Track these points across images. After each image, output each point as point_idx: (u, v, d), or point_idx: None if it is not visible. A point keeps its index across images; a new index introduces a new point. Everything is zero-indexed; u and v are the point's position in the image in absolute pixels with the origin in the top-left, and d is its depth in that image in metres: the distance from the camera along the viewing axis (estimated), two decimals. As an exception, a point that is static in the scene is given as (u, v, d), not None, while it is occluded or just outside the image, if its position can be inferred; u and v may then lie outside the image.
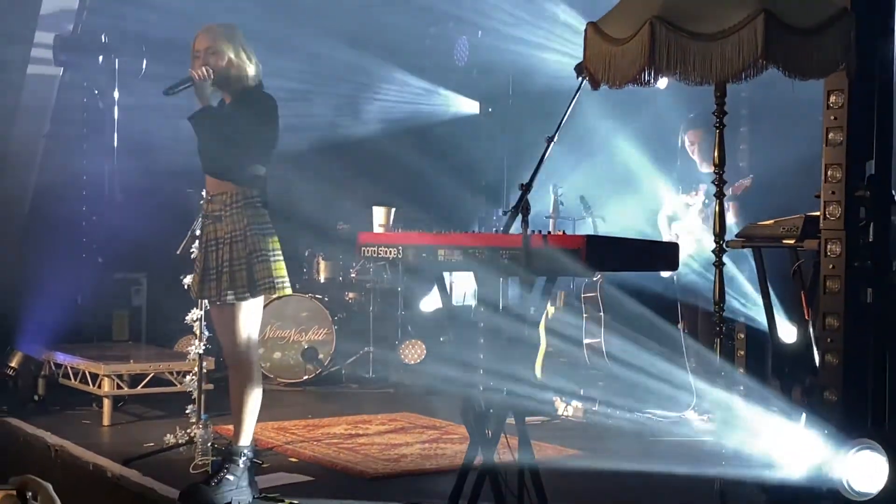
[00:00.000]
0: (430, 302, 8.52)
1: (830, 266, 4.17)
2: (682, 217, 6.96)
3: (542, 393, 7.53)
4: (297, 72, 9.04)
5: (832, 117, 4.14)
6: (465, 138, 8.68)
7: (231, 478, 4.74)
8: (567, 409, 7.11)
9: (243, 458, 4.81)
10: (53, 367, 7.29)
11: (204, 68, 4.74)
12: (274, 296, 4.96)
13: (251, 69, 4.82)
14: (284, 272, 4.81)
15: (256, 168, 4.82)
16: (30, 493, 3.02)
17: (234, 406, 4.89)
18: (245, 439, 4.86)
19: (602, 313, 7.80)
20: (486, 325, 4.19)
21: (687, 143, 6.95)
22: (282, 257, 4.85)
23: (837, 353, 4.13)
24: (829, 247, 4.19)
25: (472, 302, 5.37)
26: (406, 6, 8.96)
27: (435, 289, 8.07)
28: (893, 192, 4.61)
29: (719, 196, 3.65)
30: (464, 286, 8.21)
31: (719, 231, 3.65)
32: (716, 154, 3.60)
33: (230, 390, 4.94)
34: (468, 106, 9.12)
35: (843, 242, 4.15)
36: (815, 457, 4.23)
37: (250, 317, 4.81)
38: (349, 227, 8.85)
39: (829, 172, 4.18)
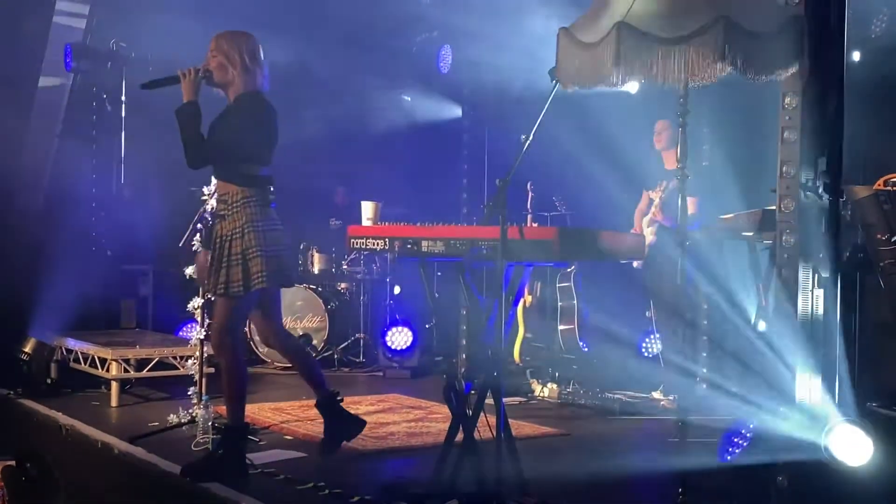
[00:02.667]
0: None
1: (785, 256, 4.16)
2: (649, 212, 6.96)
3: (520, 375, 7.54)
4: (290, 76, 9.00)
5: (787, 117, 4.12)
6: (449, 138, 8.66)
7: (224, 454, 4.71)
8: (543, 390, 7.10)
9: (233, 437, 4.77)
10: (65, 353, 7.24)
11: (192, 67, 4.71)
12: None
13: (250, 75, 4.74)
14: (274, 266, 4.67)
15: (251, 168, 4.72)
16: (29, 464, 3.00)
17: (222, 390, 4.83)
18: (232, 419, 4.79)
19: (575, 301, 7.80)
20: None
21: (655, 134, 6.92)
22: (277, 253, 4.72)
23: (791, 337, 4.12)
24: (784, 238, 4.17)
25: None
26: (394, 16, 8.93)
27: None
28: (843, 186, 4.61)
29: (682, 191, 3.63)
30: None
31: (680, 224, 3.63)
32: (678, 151, 3.58)
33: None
34: (452, 109, 9.10)
35: (796, 234, 4.13)
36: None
37: (237, 310, 4.72)
38: (341, 224, 8.83)
39: (784, 168, 4.16)
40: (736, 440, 4.33)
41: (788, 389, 4.13)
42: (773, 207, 4.31)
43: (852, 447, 3.98)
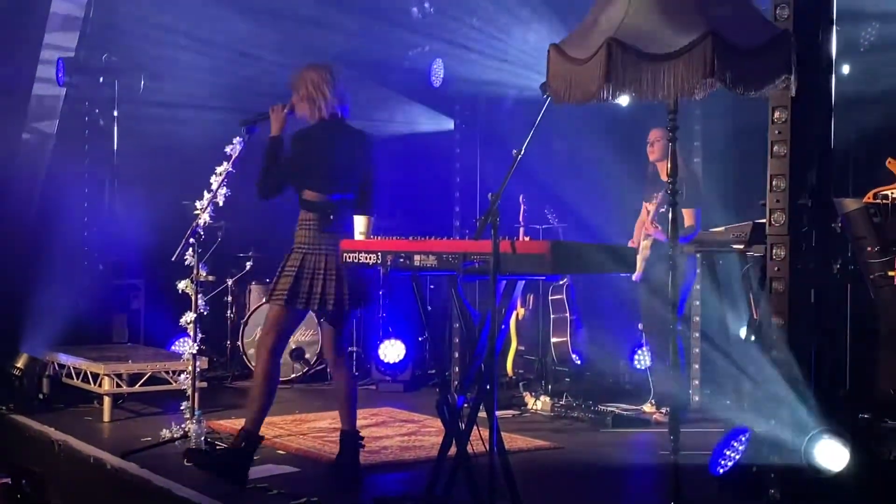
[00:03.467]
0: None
1: (776, 268, 4.19)
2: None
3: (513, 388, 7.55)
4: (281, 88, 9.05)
5: (776, 131, 4.18)
6: (441, 152, 8.69)
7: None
8: (536, 403, 7.11)
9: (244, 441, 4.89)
10: (57, 368, 7.24)
11: (281, 104, 5.11)
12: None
13: (314, 106, 5.00)
14: (286, 285, 4.93)
15: (306, 194, 5.03)
16: (24, 480, 3.00)
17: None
18: (248, 424, 4.94)
19: (568, 314, 7.82)
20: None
21: (648, 145, 6.93)
22: (306, 276, 4.95)
23: (783, 350, 4.15)
24: (774, 251, 4.21)
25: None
26: (386, 30, 8.98)
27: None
28: (833, 199, 4.65)
29: (672, 204, 3.66)
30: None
31: (672, 236, 3.65)
32: (668, 166, 3.61)
33: None
34: (444, 123, 9.13)
35: (787, 247, 4.17)
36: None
37: (277, 318, 5.00)
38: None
39: (773, 182, 4.21)
40: (728, 452, 4.35)
41: (778, 400, 4.16)
42: (764, 221, 4.35)
43: (830, 456, 4.03)
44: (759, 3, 4.09)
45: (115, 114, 8.91)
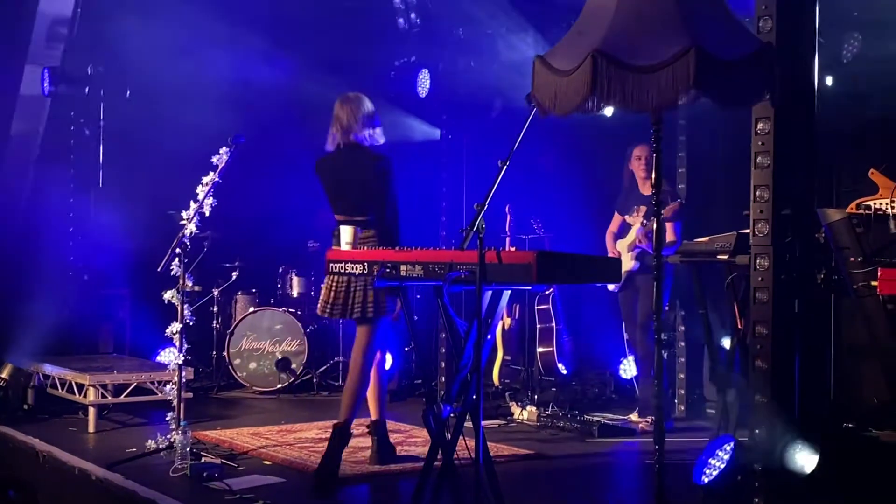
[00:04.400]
0: None
1: (759, 279, 4.21)
2: (625, 235, 7.02)
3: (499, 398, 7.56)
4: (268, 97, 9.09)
5: (760, 143, 4.20)
6: (427, 162, 8.71)
7: None
8: (522, 413, 7.12)
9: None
10: (42, 378, 7.21)
11: None
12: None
13: (330, 138, 5.61)
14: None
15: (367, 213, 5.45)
16: (12, 491, 2.99)
17: None
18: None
19: (554, 324, 7.85)
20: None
21: (633, 159, 6.96)
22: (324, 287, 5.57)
23: (767, 359, 4.17)
24: (758, 261, 4.23)
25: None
26: (373, 40, 9.01)
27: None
28: (816, 210, 4.69)
29: (657, 215, 3.68)
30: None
31: (657, 247, 3.68)
32: (653, 176, 3.64)
33: None
34: (430, 133, 9.15)
35: (770, 257, 4.19)
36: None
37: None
38: (319, 246, 8.86)
39: (757, 193, 4.23)
40: (712, 461, 4.37)
41: (762, 409, 4.18)
42: (748, 231, 4.38)
43: (801, 462, 4.08)
44: (742, 16, 4.14)
45: (101, 123, 8.91)
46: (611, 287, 6.95)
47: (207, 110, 8.58)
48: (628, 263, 6.88)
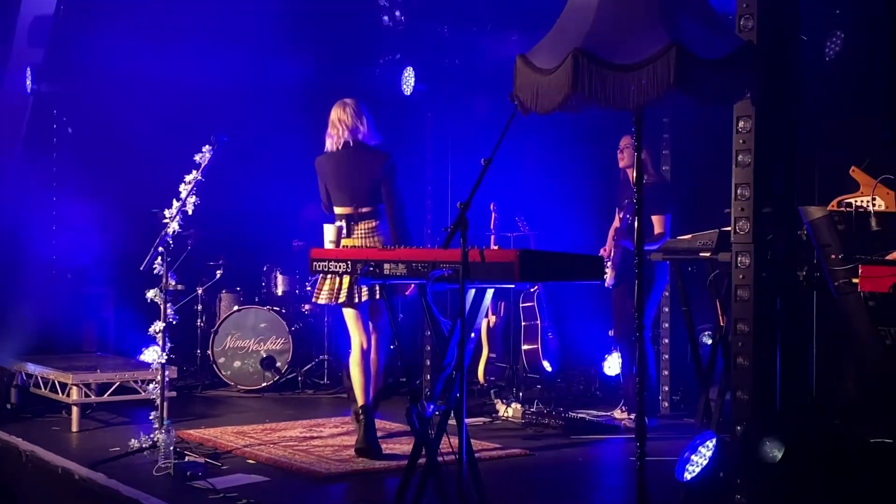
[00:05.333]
0: None
1: (741, 276, 4.24)
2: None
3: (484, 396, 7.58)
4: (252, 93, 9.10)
5: (741, 141, 4.22)
6: (412, 160, 8.71)
7: None
8: (507, 410, 7.14)
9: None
10: (25, 377, 7.19)
11: None
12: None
13: (330, 140, 6.07)
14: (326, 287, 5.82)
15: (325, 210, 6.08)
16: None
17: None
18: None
19: (539, 321, 7.87)
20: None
21: (618, 151, 6.96)
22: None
23: (748, 356, 4.20)
24: (739, 259, 4.25)
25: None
26: (357, 37, 9.01)
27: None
28: (798, 207, 4.71)
29: (638, 213, 3.70)
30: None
31: (637, 244, 3.70)
32: (633, 174, 3.65)
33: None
34: (415, 130, 9.15)
35: (751, 255, 4.22)
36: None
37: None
38: (304, 244, 8.86)
39: (738, 191, 4.25)
40: (694, 458, 4.40)
41: (743, 406, 4.21)
42: (729, 229, 4.41)
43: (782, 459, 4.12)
44: (724, 14, 4.16)
45: (84, 121, 8.88)
46: (607, 283, 6.94)
47: (190, 108, 8.58)
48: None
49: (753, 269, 4.19)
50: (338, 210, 5.94)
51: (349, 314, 5.92)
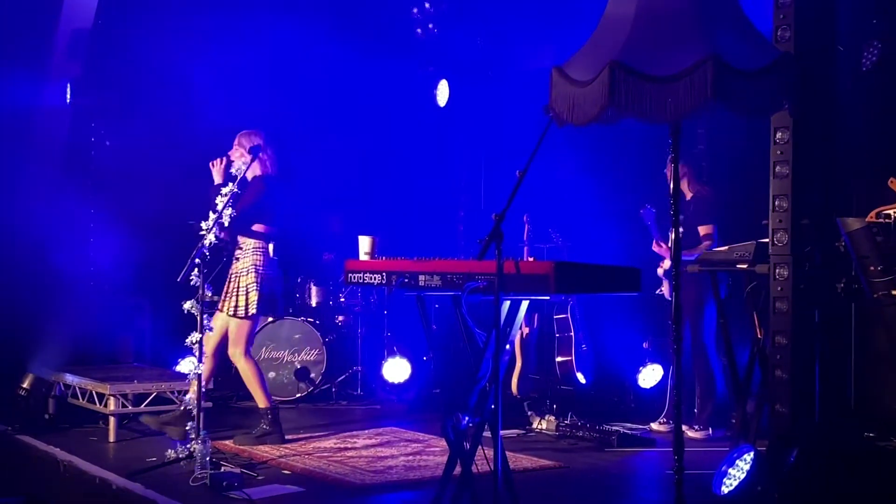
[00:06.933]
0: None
1: (779, 288, 4.21)
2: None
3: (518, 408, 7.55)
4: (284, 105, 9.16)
5: (778, 152, 4.20)
6: (445, 172, 8.75)
7: None
8: (541, 423, 7.11)
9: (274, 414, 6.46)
10: (63, 388, 7.26)
11: (220, 158, 6.33)
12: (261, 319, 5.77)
13: (260, 163, 6.38)
14: (254, 299, 6.32)
15: (259, 227, 6.39)
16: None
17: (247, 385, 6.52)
18: (265, 402, 6.50)
19: (572, 333, 7.84)
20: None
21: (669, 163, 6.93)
22: (269, 289, 6.41)
23: (786, 369, 4.16)
24: (777, 270, 4.23)
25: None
26: (391, 50, 9.06)
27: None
28: (836, 219, 4.67)
29: (675, 225, 3.68)
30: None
31: (674, 255, 3.68)
32: (671, 186, 3.64)
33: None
34: (448, 142, 9.19)
35: (789, 266, 4.19)
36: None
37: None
38: (334, 257, 8.92)
39: (776, 202, 4.23)
40: (732, 471, 4.36)
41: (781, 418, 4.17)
42: (767, 240, 4.38)
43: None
44: (760, 25, 4.14)
45: (121, 134, 8.98)
46: (665, 293, 6.91)
47: (227, 120, 8.65)
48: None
49: (791, 281, 4.16)
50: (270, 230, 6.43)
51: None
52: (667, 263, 6.93)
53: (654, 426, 6.96)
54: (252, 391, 6.49)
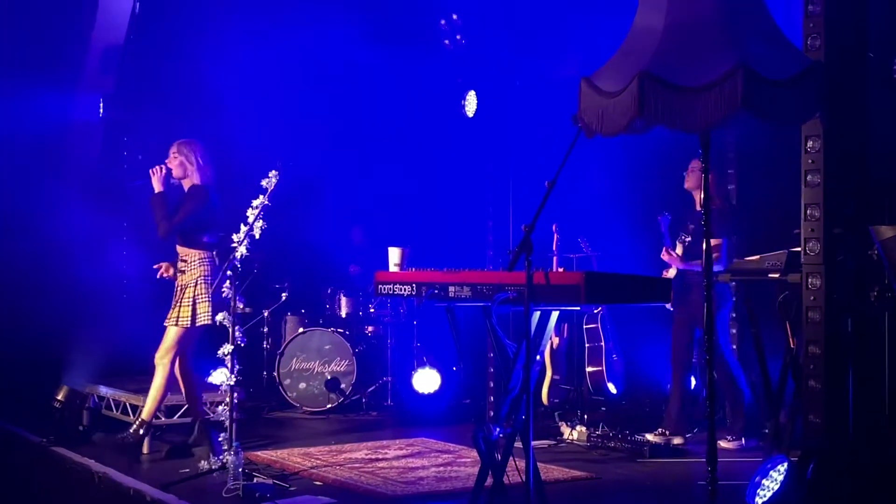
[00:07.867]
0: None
1: (812, 298, 4.18)
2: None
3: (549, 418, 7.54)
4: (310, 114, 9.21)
5: (809, 161, 4.18)
6: (474, 182, 8.75)
7: None
8: (572, 433, 7.09)
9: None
10: (97, 400, 7.33)
11: (159, 166, 6.40)
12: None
13: (202, 172, 6.39)
14: (203, 311, 6.26)
15: (202, 237, 6.33)
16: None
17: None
18: (147, 415, 6.42)
19: (603, 343, 7.82)
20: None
21: (687, 172, 6.90)
22: (206, 299, 6.26)
23: (819, 379, 4.13)
24: (810, 280, 4.20)
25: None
26: (419, 61, 9.09)
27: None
28: (869, 227, 4.63)
29: (707, 236, 3.67)
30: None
31: (706, 266, 3.66)
32: (701, 196, 3.63)
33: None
34: (476, 153, 9.20)
35: (822, 276, 4.16)
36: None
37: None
38: (360, 270, 8.96)
39: (808, 211, 4.20)
40: (765, 482, 4.33)
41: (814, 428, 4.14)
42: (799, 249, 4.35)
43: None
44: (790, 34, 4.12)
45: (153, 148, 9.05)
46: (668, 305, 6.89)
47: (260, 133, 8.72)
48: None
49: (824, 291, 4.13)
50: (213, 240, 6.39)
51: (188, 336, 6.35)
52: (671, 272, 6.91)
53: (676, 440, 6.88)
54: (150, 398, 6.41)
